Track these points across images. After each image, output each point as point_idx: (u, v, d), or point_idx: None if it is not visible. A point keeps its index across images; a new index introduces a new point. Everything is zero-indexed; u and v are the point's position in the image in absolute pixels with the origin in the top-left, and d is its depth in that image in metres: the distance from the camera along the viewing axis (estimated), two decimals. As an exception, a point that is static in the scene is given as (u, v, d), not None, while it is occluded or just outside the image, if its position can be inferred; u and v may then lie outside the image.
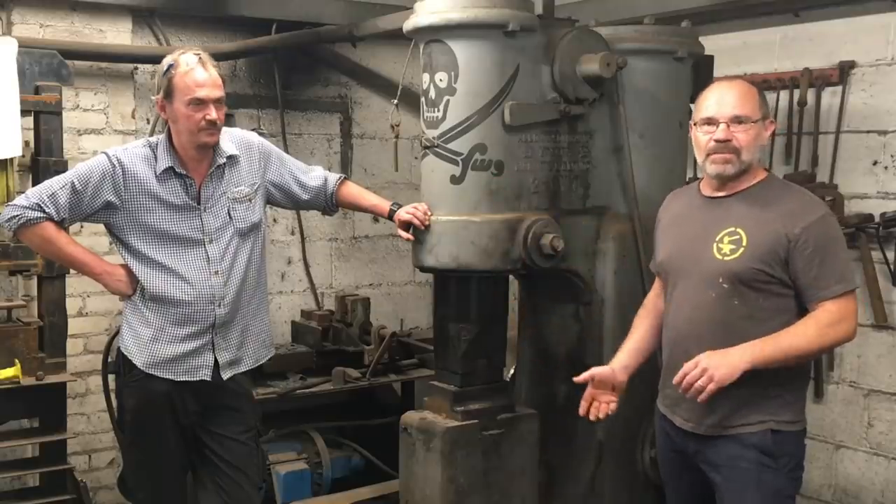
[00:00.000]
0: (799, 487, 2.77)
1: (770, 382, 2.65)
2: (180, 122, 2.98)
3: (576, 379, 2.93)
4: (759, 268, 2.60)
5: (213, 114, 2.96)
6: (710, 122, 2.69)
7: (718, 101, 2.69)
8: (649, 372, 3.42)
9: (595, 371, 2.91)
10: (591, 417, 2.93)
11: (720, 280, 2.65)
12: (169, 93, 2.95)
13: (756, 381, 2.62)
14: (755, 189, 2.72)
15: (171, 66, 2.94)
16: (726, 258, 2.65)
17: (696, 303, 2.72)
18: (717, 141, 2.67)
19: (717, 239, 2.68)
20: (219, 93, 2.99)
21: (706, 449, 2.74)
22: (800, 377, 2.77)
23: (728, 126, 2.66)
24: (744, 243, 2.63)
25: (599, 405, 2.92)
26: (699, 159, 2.77)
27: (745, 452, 2.66)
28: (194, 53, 2.98)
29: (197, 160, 3.05)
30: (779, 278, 2.60)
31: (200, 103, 2.94)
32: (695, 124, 2.77)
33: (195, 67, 2.95)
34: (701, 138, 2.72)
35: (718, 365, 2.53)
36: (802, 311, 2.63)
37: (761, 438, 2.65)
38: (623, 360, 2.97)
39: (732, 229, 2.67)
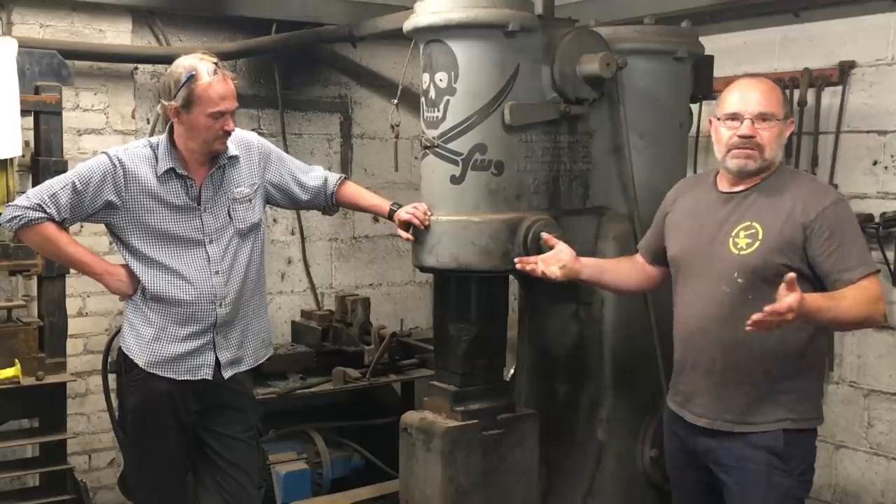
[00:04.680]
0: (809, 490, 2.76)
1: (786, 376, 2.65)
2: (198, 131, 2.97)
3: (544, 234, 3.08)
4: (776, 260, 2.60)
5: (230, 124, 2.99)
6: (735, 117, 2.68)
7: (743, 97, 2.68)
8: (649, 373, 3.43)
9: (562, 243, 3.04)
10: (528, 269, 3.02)
11: (735, 275, 2.64)
12: (189, 103, 2.93)
13: (773, 374, 2.63)
14: (769, 181, 2.72)
15: (192, 77, 2.92)
16: (742, 252, 2.64)
17: (710, 298, 2.71)
18: (741, 136, 2.66)
19: (733, 234, 2.68)
20: (236, 104, 3.02)
21: (717, 448, 2.74)
22: (816, 367, 2.76)
23: (753, 123, 2.65)
24: (760, 236, 2.62)
25: (538, 265, 3.00)
26: (719, 155, 2.76)
27: (756, 454, 2.66)
28: (211, 62, 2.97)
29: (199, 161, 3.06)
30: (796, 269, 2.58)
31: (221, 115, 2.95)
32: (717, 119, 2.75)
33: (216, 79, 2.94)
34: (724, 133, 2.71)
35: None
36: None
37: (773, 439, 2.65)
38: (588, 260, 3.10)
39: (748, 223, 2.66)
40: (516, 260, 3.08)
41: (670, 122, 3.60)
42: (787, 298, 2.33)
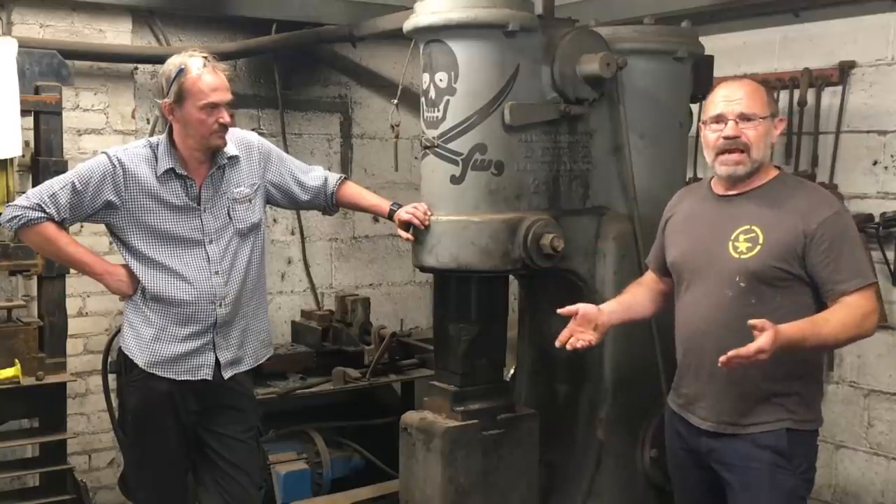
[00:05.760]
0: (811, 489, 2.77)
1: (787, 379, 2.65)
2: (192, 125, 2.97)
3: (560, 311, 2.91)
4: (777, 265, 2.60)
5: (225, 117, 2.98)
6: (719, 119, 2.70)
7: (727, 98, 2.70)
8: (649, 373, 3.43)
9: (581, 306, 2.91)
10: (569, 347, 2.87)
11: (737, 279, 2.65)
12: (180, 97, 2.94)
13: (774, 377, 2.63)
14: (769, 186, 2.72)
15: (181, 71, 2.93)
16: (743, 256, 2.65)
17: (712, 302, 2.71)
18: (726, 138, 2.67)
19: (733, 237, 2.68)
20: (229, 96, 3.01)
21: (720, 448, 2.74)
22: (815, 372, 2.78)
23: (737, 123, 2.66)
24: (760, 241, 2.63)
25: (577, 339, 2.88)
26: (709, 159, 2.77)
27: (760, 453, 2.66)
28: (202, 56, 2.98)
29: (199, 161, 3.06)
30: (797, 275, 2.60)
31: (214, 107, 2.95)
32: (704, 123, 2.77)
33: (206, 71, 2.95)
34: (710, 136, 2.73)
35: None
36: (820, 309, 2.62)
37: (776, 438, 2.65)
38: (611, 306, 3.01)
39: (748, 227, 2.66)
40: (557, 344, 2.93)
41: (670, 122, 3.60)
42: (759, 340, 2.39)
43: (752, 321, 2.43)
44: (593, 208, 3.51)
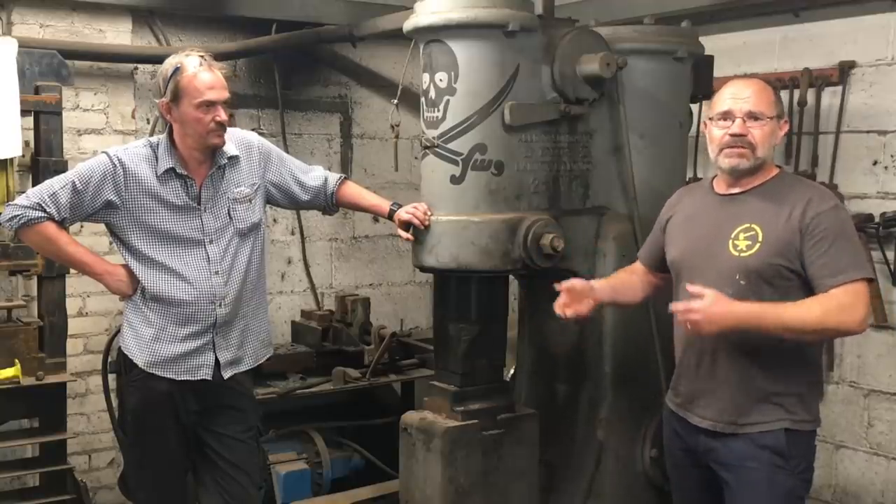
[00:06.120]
0: (809, 489, 2.77)
1: (786, 378, 2.65)
2: (189, 124, 2.98)
3: (557, 286, 2.95)
4: (776, 262, 2.61)
5: (222, 115, 2.98)
6: (726, 116, 2.70)
7: (735, 96, 2.70)
8: (649, 372, 3.43)
9: (574, 281, 2.96)
10: (566, 314, 2.93)
11: (737, 276, 2.65)
12: (176, 96, 2.94)
13: (772, 376, 2.64)
14: (768, 185, 2.73)
15: (177, 70, 2.93)
16: (742, 254, 2.65)
17: None
18: (732, 135, 2.68)
19: (733, 236, 2.68)
20: (226, 94, 3.00)
21: (719, 447, 2.74)
22: (815, 372, 2.78)
23: (744, 121, 2.67)
24: (760, 238, 2.63)
25: (570, 306, 2.93)
26: (712, 155, 2.77)
27: (758, 453, 2.66)
28: (198, 55, 2.98)
29: (199, 161, 3.06)
30: (796, 271, 2.60)
31: (210, 105, 2.95)
32: (710, 119, 2.77)
33: (202, 70, 2.95)
34: (716, 132, 2.73)
35: (713, 317, 2.53)
36: None
37: (775, 438, 2.65)
38: (600, 284, 3.05)
39: (748, 225, 2.67)
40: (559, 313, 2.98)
41: (670, 122, 3.60)
42: (694, 300, 2.51)
43: (688, 286, 2.53)
44: (593, 208, 3.51)
